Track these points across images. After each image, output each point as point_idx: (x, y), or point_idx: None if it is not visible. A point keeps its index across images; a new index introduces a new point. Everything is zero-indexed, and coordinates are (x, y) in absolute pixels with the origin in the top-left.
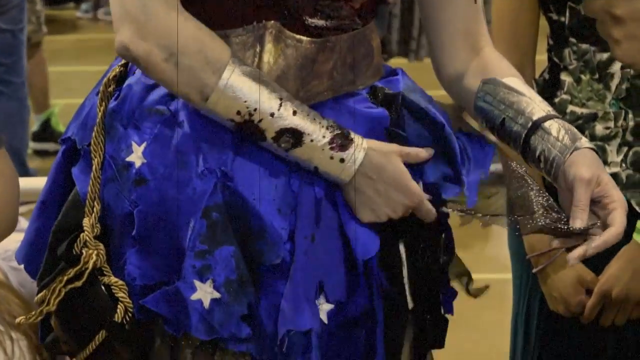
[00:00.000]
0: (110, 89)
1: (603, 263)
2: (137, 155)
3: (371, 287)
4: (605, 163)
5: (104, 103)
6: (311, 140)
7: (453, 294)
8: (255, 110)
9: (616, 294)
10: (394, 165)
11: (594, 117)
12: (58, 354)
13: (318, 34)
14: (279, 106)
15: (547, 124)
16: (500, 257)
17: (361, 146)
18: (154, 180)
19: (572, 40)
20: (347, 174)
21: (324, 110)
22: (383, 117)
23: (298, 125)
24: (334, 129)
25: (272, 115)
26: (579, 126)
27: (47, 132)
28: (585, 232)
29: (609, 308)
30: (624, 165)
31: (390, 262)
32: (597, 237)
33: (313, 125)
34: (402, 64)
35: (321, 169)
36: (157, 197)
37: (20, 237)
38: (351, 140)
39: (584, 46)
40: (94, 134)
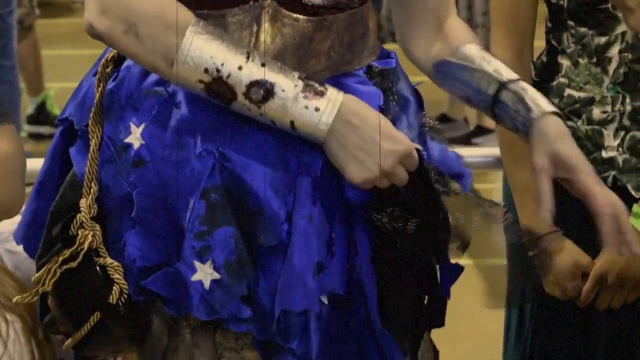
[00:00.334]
0: (108, 69)
1: (599, 247)
2: (135, 136)
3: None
4: (602, 147)
5: (102, 84)
6: (282, 90)
7: (456, 271)
8: (222, 65)
9: (612, 277)
10: (374, 112)
11: (591, 101)
12: (55, 334)
13: (315, 12)
14: (247, 59)
15: (514, 86)
16: (495, 243)
17: (336, 95)
18: (152, 161)
19: (571, 23)
20: (324, 124)
21: None
22: (376, 95)
23: (268, 76)
24: (306, 79)
25: (239, 68)
26: (576, 110)
27: (42, 115)
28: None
29: (605, 292)
30: (620, 149)
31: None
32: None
33: (284, 75)
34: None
35: (297, 124)
36: (155, 179)
37: (16, 219)
38: (325, 88)
39: (582, 30)
40: (91, 114)
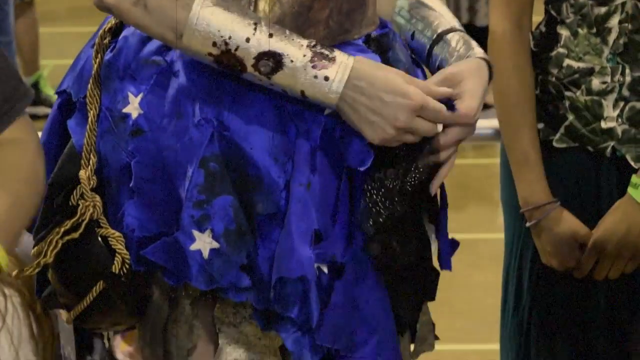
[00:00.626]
0: (105, 41)
1: (597, 217)
2: (133, 106)
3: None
4: (601, 118)
5: (99, 55)
6: (291, 61)
7: (453, 246)
8: (230, 38)
9: (610, 248)
10: (385, 71)
11: (590, 72)
12: (55, 307)
13: None
14: (254, 30)
15: (449, 36)
16: (492, 218)
17: (346, 61)
18: (150, 131)
19: None
20: (334, 92)
21: None
22: (376, 60)
23: (276, 47)
24: (315, 47)
25: (247, 40)
26: (575, 80)
27: (35, 95)
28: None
29: (603, 262)
30: (620, 120)
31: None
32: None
33: (292, 45)
34: None
35: (308, 93)
36: (154, 148)
37: None
38: (334, 57)
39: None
40: (89, 86)
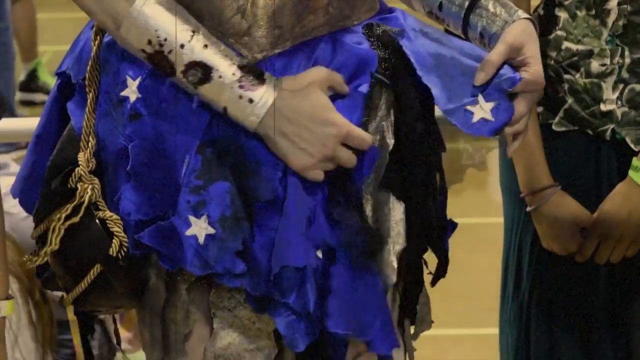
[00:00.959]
0: None
1: (597, 201)
2: (131, 89)
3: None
4: (600, 100)
5: (98, 37)
6: (220, 77)
7: (451, 228)
8: (165, 40)
9: (612, 232)
10: (310, 100)
11: (589, 54)
12: (54, 290)
13: None
14: (190, 38)
15: (483, 1)
16: (491, 202)
17: (273, 87)
18: (148, 115)
19: None
20: (255, 116)
21: (318, 46)
22: (371, 59)
23: (207, 59)
24: (246, 67)
25: (182, 46)
26: (574, 63)
27: (33, 82)
28: None
29: (604, 246)
30: (619, 102)
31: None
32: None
33: (224, 61)
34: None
35: (230, 110)
36: (151, 132)
37: (11, 181)
38: (263, 80)
39: None
40: (88, 68)
